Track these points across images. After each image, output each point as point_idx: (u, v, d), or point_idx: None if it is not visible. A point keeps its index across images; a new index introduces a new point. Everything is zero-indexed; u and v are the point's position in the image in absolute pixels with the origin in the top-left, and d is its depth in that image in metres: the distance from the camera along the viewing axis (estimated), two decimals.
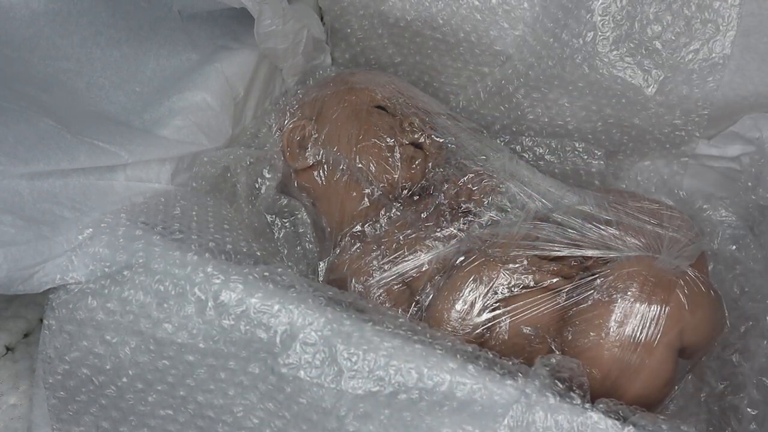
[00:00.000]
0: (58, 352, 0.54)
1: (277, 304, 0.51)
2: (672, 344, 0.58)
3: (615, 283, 0.58)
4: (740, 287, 0.73)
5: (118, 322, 0.52)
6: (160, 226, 0.55)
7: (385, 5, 0.82)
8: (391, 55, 0.87)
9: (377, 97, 0.73)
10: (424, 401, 0.49)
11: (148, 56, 0.69)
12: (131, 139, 0.59)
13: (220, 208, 0.64)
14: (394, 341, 0.50)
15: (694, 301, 0.58)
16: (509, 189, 0.68)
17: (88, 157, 0.55)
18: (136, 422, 0.56)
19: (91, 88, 0.64)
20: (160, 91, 0.67)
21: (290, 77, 0.82)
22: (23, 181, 0.52)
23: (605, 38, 0.74)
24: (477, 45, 0.81)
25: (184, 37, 0.72)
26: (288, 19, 0.71)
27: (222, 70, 0.70)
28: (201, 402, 0.54)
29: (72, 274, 0.52)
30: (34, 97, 0.58)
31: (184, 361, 0.52)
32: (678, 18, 0.72)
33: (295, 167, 0.73)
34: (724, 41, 0.72)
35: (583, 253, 0.61)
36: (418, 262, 0.65)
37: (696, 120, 0.77)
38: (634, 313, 0.57)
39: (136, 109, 0.64)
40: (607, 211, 0.65)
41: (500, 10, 0.79)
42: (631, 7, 0.73)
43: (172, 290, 0.52)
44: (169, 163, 0.62)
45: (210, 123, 0.67)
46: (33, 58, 0.63)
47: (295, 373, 0.50)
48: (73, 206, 0.54)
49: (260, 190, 0.73)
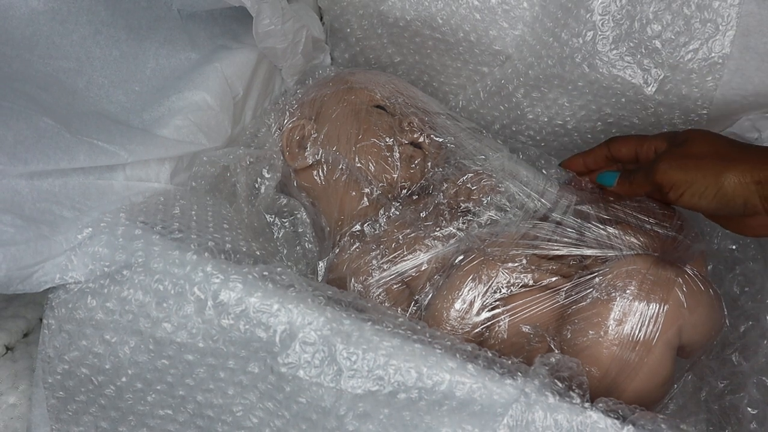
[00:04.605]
0: (57, 352, 0.54)
1: (276, 304, 0.51)
2: (671, 343, 0.58)
3: (614, 281, 0.58)
4: (740, 287, 0.73)
5: (117, 321, 0.52)
6: (160, 225, 0.55)
7: (384, 5, 0.82)
8: (391, 55, 0.87)
9: (376, 96, 0.73)
10: (423, 400, 0.49)
11: (148, 55, 0.69)
12: (131, 139, 0.59)
13: (219, 208, 0.64)
14: (393, 341, 0.50)
15: (693, 300, 0.58)
16: (508, 188, 0.68)
17: (87, 157, 0.55)
18: (135, 422, 0.56)
19: (91, 87, 0.64)
20: (160, 90, 0.67)
21: (289, 77, 0.82)
22: (23, 181, 0.52)
23: (605, 37, 0.74)
24: (476, 44, 0.81)
25: (183, 37, 0.72)
26: (287, 18, 0.71)
27: (221, 69, 0.70)
28: (200, 401, 0.54)
29: (71, 274, 0.52)
30: (33, 96, 0.58)
31: (184, 360, 0.52)
32: (677, 17, 0.72)
33: (295, 167, 0.73)
34: (724, 41, 0.72)
35: (582, 252, 0.62)
36: (417, 261, 0.65)
37: (695, 119, 0.77)
38: (632, 312, 0.57)
39: (136, 108, 0.64)
40: (606, 210, 0.65)
41: (499, 9, 0.79)
42: (631, 6, 0.73)
43: (172, 290, 0.52)
44: (169, 162, 0.62)
45: (209, 122, 0.67)
46: (32, 57, 0.62)
47: (295, 372, 0.50)
48: (72, 206, 0.54)
49: (260, 189, 0.73)
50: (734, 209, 0.57)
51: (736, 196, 0.56)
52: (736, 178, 0.56)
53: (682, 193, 0.59)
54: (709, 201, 0.58)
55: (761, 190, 0.55)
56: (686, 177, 0.58)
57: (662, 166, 0.60)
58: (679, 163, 0.59)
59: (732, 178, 0.56)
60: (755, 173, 0.55)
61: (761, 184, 0.55)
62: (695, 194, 0.58)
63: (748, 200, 0.56)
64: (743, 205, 0.56)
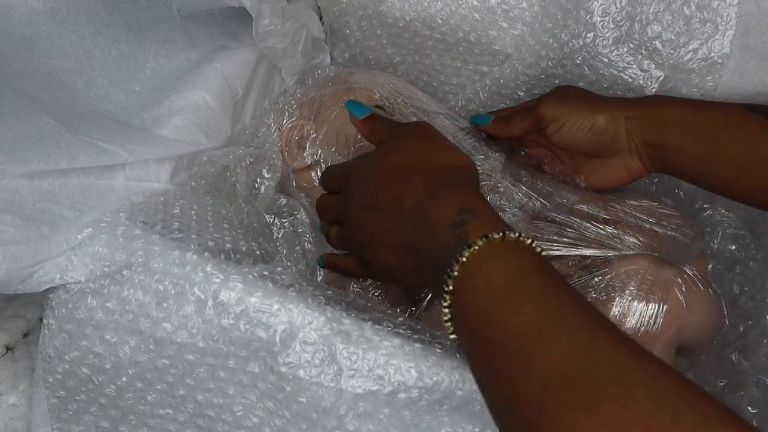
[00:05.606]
0: (57, 352, 0.54)
1: (276, 304, 0.51)
2: (670, 342, 0.58)
3: (613, 281, 0.58)
4: (740, 287, 0.73)
5: (117, 321, 0.52)
6: (160, 225, 0.55)
7: (383, 5, 0.82)
8: (390, 55, 0.87)
9: (376, 96, 0.73)
10: (423, 400, 0.49)
11: (147, 55, 0.69)
12: (130, 139, 0.59)
13: (219, 208, 0.64)
14: (393, 340, 0.50)
15: (693, 300, 0.58)
16: (507, 188, 0.68)
17: (87, 157, 0.55)
18: (135, 421, 0.56)
19: (90, 86, 0.64)
20: (159, 90, 0.67)
21: (289, 77, 0.82)
22: (23, 181, 0.52)
23: (605, 38, 0.74)
24: (476, 44, 0.81)
25: (183, 37, 0.72)
26: (287, 18, 0.71)
27: (221, 69, 0.70)
28: (200, 401, 0.54)
29: (71, 274, 0.52)
30: (33, 96, 0.57)
31: (184, 360, 0.52)
32: (678, 17, 0.72)
33: (294, 167, 0.73)
34: (723, 41, 0.72)
35: (582, 253, 0.62)
36: None
37: None
38: (632, 312, 0.57)
39: (135, 108, 0.64)
40: (605, 210, 0.65)
41: (499, 9, 0.79)
42: (631, 7, 0.73)
43: (172, 289, 0.52)
44: (169, 162, 0.62)
45: (209, 122, 0.67)
46: (32, 57, 0.62)
47: (295, 372, 0.50)
48: (72, 206, 0.54)
49: (259, 189, 0.73)
50: (604, 144, 0.65)
51: (607, 130, 0.64)
52: (608, 113, 0.64)
53: (561, 125, 0.66)
54: (584, 134, 0.65)
55: (629, 123, 0.64)
56: (566, 110, 0.66)
57: (544, 101, 0.68)
58: (560, 100, 0.67)
59: (605, 114, 0.64)
60: (625, 110, 0.64)
61: (630, 119, 0.64)
62: (573, 127, 0.66)
63: (617, 135, 0.64)
64: (612, 139, 0.65)
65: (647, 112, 0.63)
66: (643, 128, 0.63)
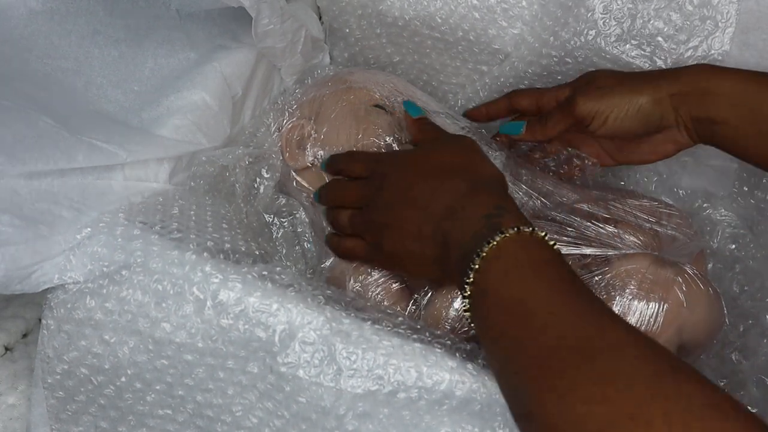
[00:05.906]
0: (56, 352, 0.54)
1: (275, 303, 0.51)
2: (670, 341, 0.58)
3: (613, 280, 0.58)
4: (740, 286, 0.73)
5: (116, 321, 0.52)
6: (158, 225, 0.55)
7: (383, 5, 0.81)
8: (390, 55, 0.87)
9: (375, 96, 0.73)
10: (423, 400, 0.49)
11: (146, 55, 0.69)
12: (129, 139, 0.58)
13: (218, 208, 0.64)
14: (393, 340, 0.50)
15: (693, 299, 0.58)
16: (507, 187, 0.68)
17: (86, 157, 0.55)
18: (134, 422, 0.56)
19: (89, 86, 0.64)
20: (159, 90, 0.67)
21: (289, 76, 0.82)
22: (21, 181, 0.52)
23: (607, 35, 0.74)
24: (475, 43, 0.81)
25: (182, 37, 0.71)
26: (286, 18, 0.71)
27: (220, 69, 0.69)
28: (200, 401, 0.54)
29: (70, 274, 0.52)
30: (32, 96, 0.57)
31: (183, 360, 0.52)
32: (679, 14, 0.72)
33: (294, 167, 0.73)
34: (723, 38, 0.72)
35: (582, 252, 0.61)
36: None
37: None
38: (632, 311, 0.57)
39: (134, 108, 0.64)
40: (605, 209, 0.65)
41: (498, 8, 0.79)
42: (632, 4, 0.73)
43: (171, 290, 0.51)
44: (168, 162, 0.62)
45: (208, 122, 0.67)
46: (31, 57, 0.62)
47: (294, 372, 0.50)
48: (71, 206, 0.54)
49: (259, 189, 0.73)
50: (651, 125, 0.64)
51: (654, 111, 0.63)
52: (651, 94, 0.63)
53: (605, 118, 0.64)
54: (631, 121, 0.63)
55: (674, 101, 0.62)
56: (607, 104, 0.64)
57: (580, 100, 0.65)
58: (595, 95, 0.65)
59: (647, 95, 0.63)
60: (668, 87, 0.62)
61: (674, 97, 0.62)
62: (618, 117, 0.63)
63: (664, 114, 0.63)
64: (660, 118, 0.63)
65: (692, 87, 0.61)
66: (689, 103, 0.62)
